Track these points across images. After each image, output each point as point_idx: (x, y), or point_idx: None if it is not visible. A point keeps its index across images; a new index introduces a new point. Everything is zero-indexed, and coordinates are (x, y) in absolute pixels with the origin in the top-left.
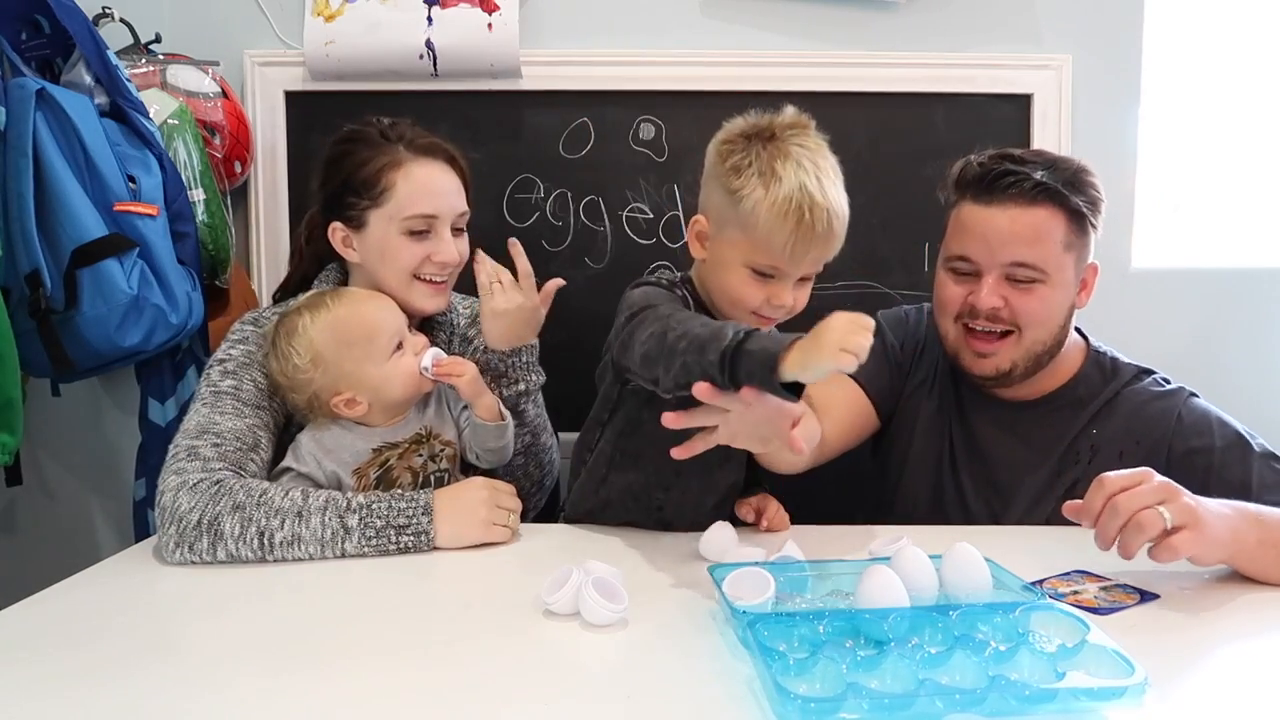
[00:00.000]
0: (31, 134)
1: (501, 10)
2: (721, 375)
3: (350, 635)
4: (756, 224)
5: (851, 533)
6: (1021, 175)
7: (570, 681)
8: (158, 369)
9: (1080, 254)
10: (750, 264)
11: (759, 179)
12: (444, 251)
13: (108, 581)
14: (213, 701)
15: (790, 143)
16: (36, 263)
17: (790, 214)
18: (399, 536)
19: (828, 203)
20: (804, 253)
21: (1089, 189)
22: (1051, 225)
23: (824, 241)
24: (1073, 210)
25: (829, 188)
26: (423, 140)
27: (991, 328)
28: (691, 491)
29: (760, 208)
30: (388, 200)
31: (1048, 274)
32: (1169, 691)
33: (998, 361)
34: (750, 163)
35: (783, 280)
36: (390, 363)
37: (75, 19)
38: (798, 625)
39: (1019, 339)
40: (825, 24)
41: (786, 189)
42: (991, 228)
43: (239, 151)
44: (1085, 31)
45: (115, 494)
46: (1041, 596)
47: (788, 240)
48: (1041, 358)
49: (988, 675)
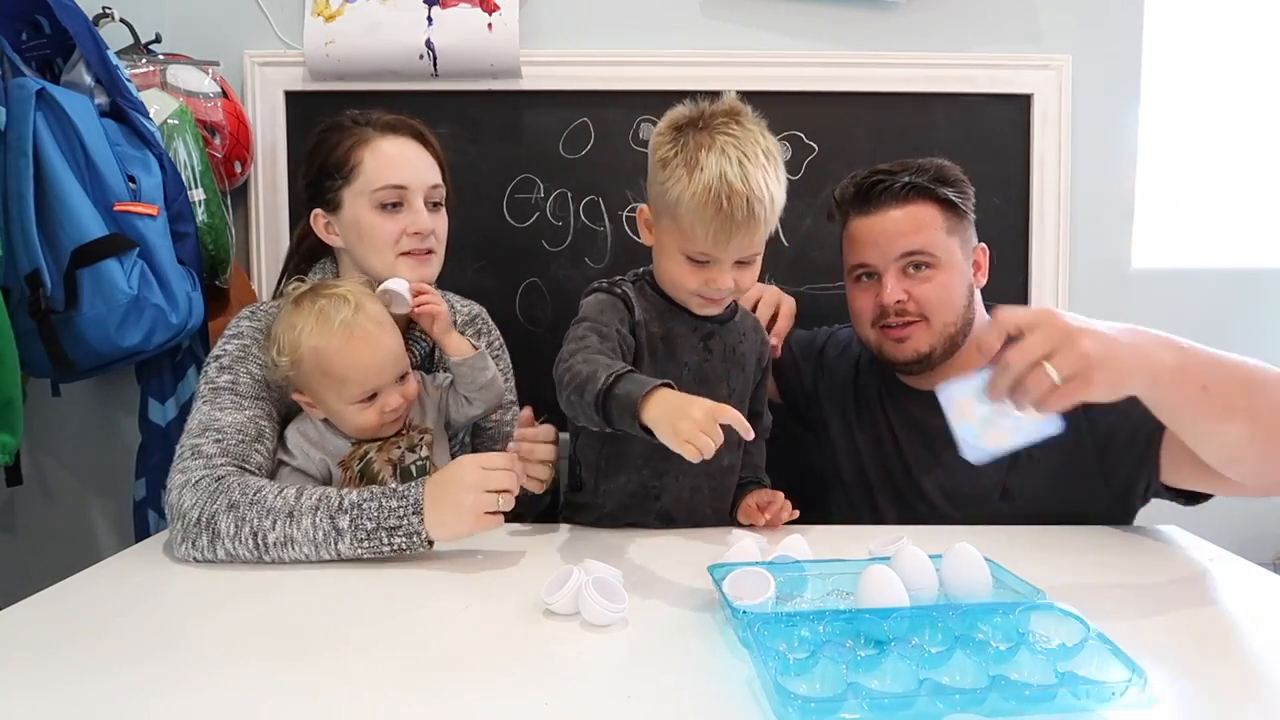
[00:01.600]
0: (31, 134)
1: (501, 10)
2: (598, 417)
3: (350, 635)
4: (682, 214)
5: (852, 532)
6: (890, 180)
7: (570, 681)
8: (158, 369)
9: (963, 238)
10: (684, 251)
11: (684, 169)
12: (418, 221)
13: (108, 581)
14: (213, 701)
15: (718, 131)
16: (36, 263)
17: (709, 203)
18: (391, 538)
19: (748, 189)
20: (726, 240)
21: (955, 182)
22: (928, 216)
23: (746, 228)
24: (944, 200)
25: (752, 173)
26: (389, 118)
27: (901, 321)
28: (686, 475)
29: (684, 197)
30: (357, 177)
31: (937, 258)
32: (1169, 691)
33: (915, 344)
34: (677, 153)
35: (718, 265)
36: (351, 408)
37: (75, 19)
38: (798, 625)
39: (929, 325)
40: (825, 24)
41: (706, 178)
42: (878, 230)
43: (239, 151)
44: (1085, 31)
45: (115, 494)
46: (1041, 596)
47: (709, 228)
48: (955, 338)
49: (988, 675)
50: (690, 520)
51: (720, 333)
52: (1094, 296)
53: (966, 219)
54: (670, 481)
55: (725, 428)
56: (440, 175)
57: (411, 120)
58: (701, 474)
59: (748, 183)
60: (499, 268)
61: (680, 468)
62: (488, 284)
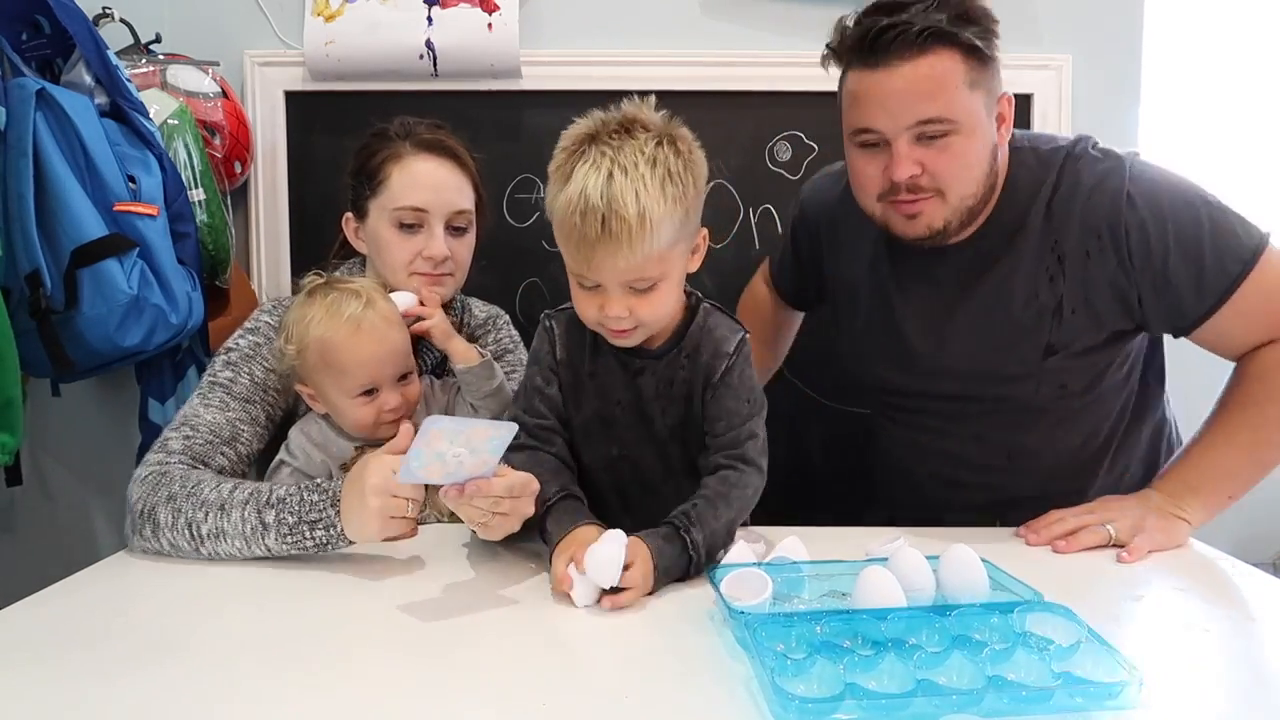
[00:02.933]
0: (31, 134)
1: (501, 10)
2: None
3: (349, 635)
4: (556, 231)
5: (849, 533)
6: (903, 25)
7: (570, 681)
8: (158, 369)
9: (988, 88)
10: (571, 273)
11: (558, 185)
12: (433, 246)
13: (108, 581)
14: (214, 701)
15: (602, 142)
16: (36, 263)
17: (568, 219)
18: (312, 531)
19: (605, 204)
20: (588, 259)
21: (979, 16)
22: (948, 69)
23: (610, 245)
24: (967, 46)
25: (618, 188)
26: (428, 136)
27: (913, 196)
28: (645, 511)
29: (555, 212)
30: (383, 191)
31: (958, 122)
32: (1165, 692)
33: (928, 220)
34: (559, 167)
35: (604, 290)
36: (349, 401)
37: (75, 19)
38: (795, 626)
39: (944, 199)
40: (825, 24)
41: (568, 193)
42: (887, 91)
43: (239, 151)
44: (1085, 31)
45: (115, 494)
46: (1038, 597)
47: (575, 246)
48: (974, 209)
49: (985, 675)
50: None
51: (653, 368)
52: None
53: (992, 64)
54: (639, 516)
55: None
56: (472, 199)
57: (450, 140)
58: (663, 508)
59: (607, 196)
60: (499, 268)
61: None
62: (488, 284)
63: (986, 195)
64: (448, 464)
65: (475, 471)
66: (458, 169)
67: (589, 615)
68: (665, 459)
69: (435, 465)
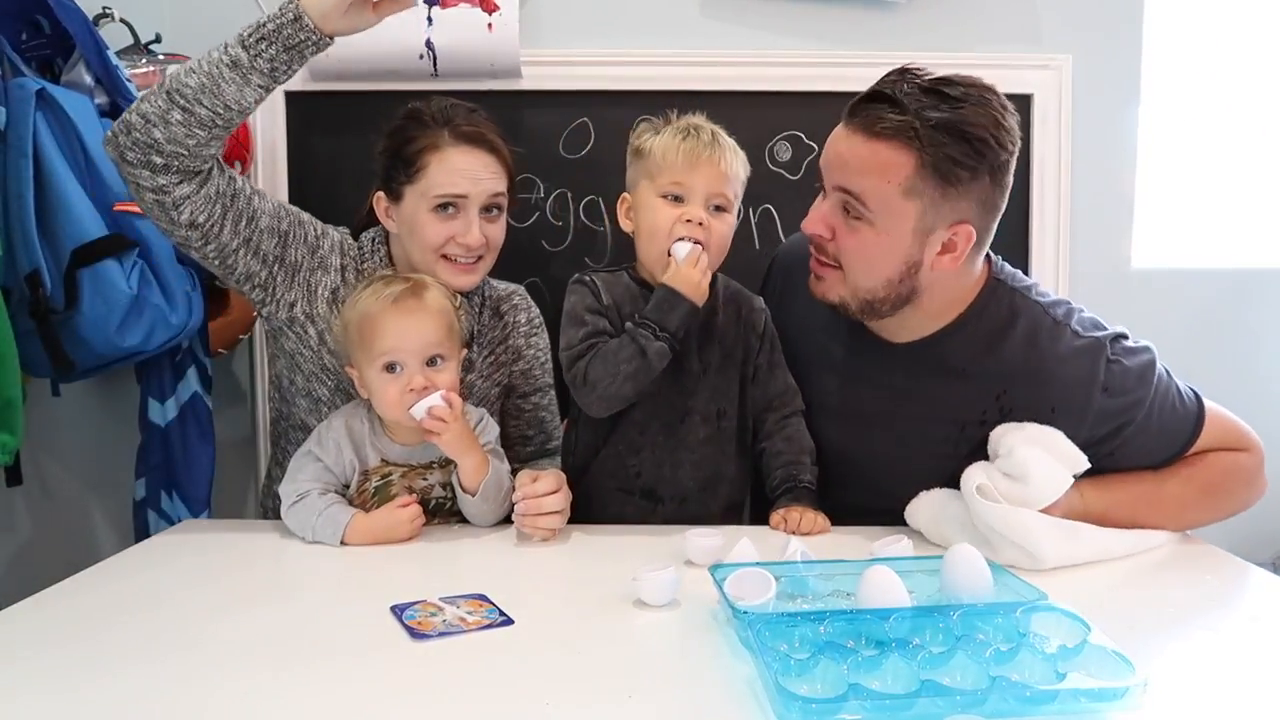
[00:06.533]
0: (31, 134)
1: (501, 10)
2: (653, 342)
3: (349, 634)
4: (655, 156)
5: (853, 533)
6: (884, 108)
7: (570, 681)
8: (158, 369)
9: (931, 208)
10: (660, 192)
11: (652, 133)
12: (469, 233)
13: (108, 581)
14: (214, 700)
15: (688, 119)
16: (36, 263)
17: (677, 134)
18: (271, 21)
19: (711, 126)
20: (694, 160)
21: (973, 139)
22: (891, 164)
23: (711, 153)
24: (931, 159)
25: (714, 127)
26: (467, 128)
27: (821, 259)
28: (662, 449)
29: (655, 143)
30: (420, 179)
31: (872, 213)
32: (1169, 692)
33: (827, 288)
34: (645, 129)
35: (691, 199)
36: (377, 376)
37: (75, 19)
38: (799, 626)
39: (843, 278)
40: (825, 24)
41: (675, 125)
42: (838, 149)
43: (239, 151)
44: (1085, 31)
45: (115, 494)
46: (1042, 598)
47: (678, 152)
48: (877, 306)
49: (989, 676)
50: (674, 494)
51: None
52: (1094, 296)
53: (958, 187)
54: (648, 456)
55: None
56: (505, 182)
57: (487, 131)
58: (679, 445)
59: (710, 125)
60: (499, 268)
61: (655, 442)
62: None
63: (896, 302)
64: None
65: None
66: (494, 157)
67: (591, 615)
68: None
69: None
